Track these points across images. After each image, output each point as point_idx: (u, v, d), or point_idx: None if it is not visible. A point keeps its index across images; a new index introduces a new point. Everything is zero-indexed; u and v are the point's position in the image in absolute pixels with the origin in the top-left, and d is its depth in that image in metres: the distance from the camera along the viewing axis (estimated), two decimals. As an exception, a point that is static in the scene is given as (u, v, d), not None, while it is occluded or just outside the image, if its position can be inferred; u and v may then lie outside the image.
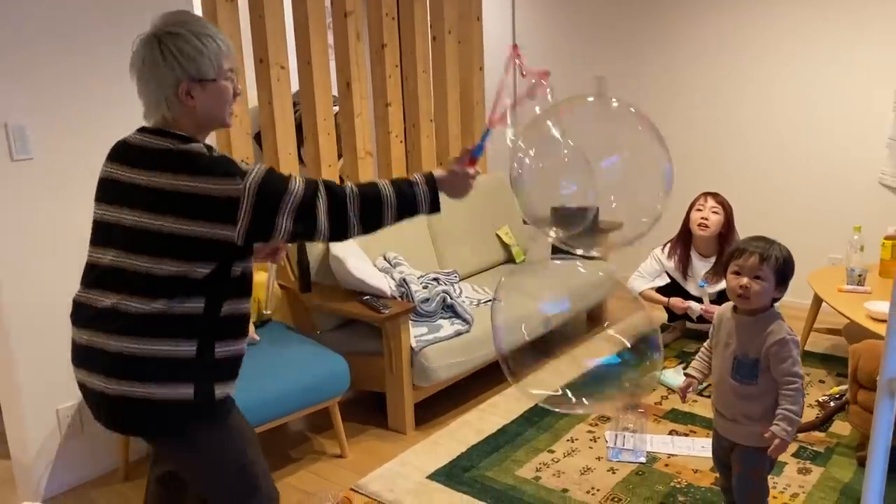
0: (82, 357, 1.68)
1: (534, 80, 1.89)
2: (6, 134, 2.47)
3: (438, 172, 1.82)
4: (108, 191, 1.67)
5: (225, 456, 1.75)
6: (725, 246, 3.65)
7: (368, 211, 1.69)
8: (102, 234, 1.66)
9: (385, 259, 3.52)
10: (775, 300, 2.14)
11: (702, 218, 3.66)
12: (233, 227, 1.58)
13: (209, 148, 1.62)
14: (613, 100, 2.12)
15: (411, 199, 1.74)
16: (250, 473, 1.80)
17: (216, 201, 1.56)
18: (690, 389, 2.32)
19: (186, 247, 1.58)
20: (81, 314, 1.68)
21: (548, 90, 1.95)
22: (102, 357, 1.62)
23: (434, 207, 1.79)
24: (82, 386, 1.69)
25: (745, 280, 2.08)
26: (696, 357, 2.36)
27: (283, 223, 1.62)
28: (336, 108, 3.90)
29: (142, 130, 1.67)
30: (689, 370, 2.36)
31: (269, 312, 2.29)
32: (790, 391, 2.05)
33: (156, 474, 2.02)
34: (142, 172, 1.60)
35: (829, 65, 4.12)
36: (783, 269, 2.08)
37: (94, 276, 1.67)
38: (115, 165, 1.67)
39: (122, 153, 1.67)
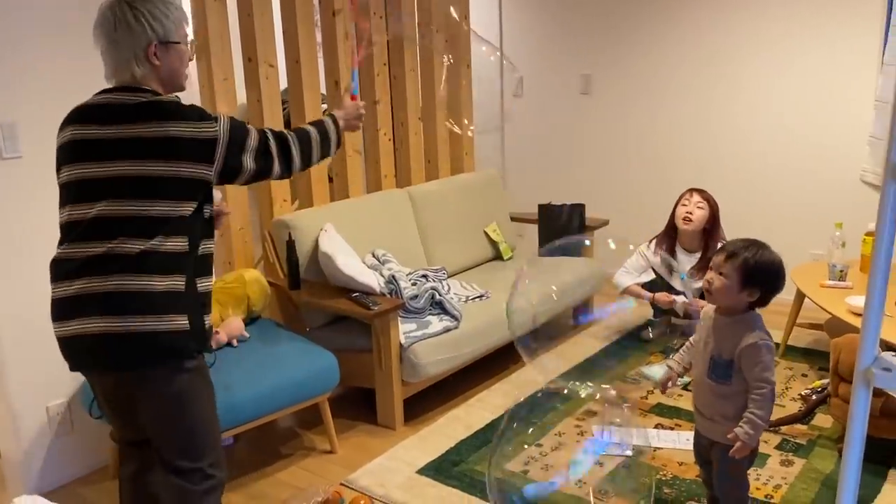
0: (74, 307, 1.75)
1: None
2: (-5, 132, 2.48)
3: (335, 112, 2.19)
4: (79, 151, 1.78)
5: (201, 398, 1.91)
6: (710, 241, 3.71)
7: (304, 147, 2.02)
8: (83, 190, 1.76)
9: (374, 256, 3.54)
10: (753, 305, 2.15)
11: (686, 212, 3.71)
12: (210, 166, 1.78)
13: (177, 97, 1.82)
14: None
15: (328, 135, 2.11)
16: (213, 430, 1.96)
17: (199, 143, 1.75)
18: (670, 383, 2.37)
19: (173, 187, 1.74)
20: (65, 268, 1.77)
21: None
22: (103, 298, 1.73)
23: (339, 140, 2.16)
24: (74, 337, 1.77)
25: (711, 274, 2.14)
26: (680, 350, 2.40)
27: (248, 162, 1.87)
28: (325, 106, 3.92)
29: (107, 91, 1.81)
30: (669, 361, 2.40)
31: None
32: (757, 395, 2.07)
33: (125, 474, 2.08)
34: (121, 126, 1.74)
35: (810, 63, 4.18)
36: (750, 271, 2.08)
37: (78, 231, 1.76)
38: (80, 126, 1.78)
39: (87, 114, 1.79)
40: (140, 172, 1.73)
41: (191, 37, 1.90)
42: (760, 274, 2.10)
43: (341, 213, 3.56)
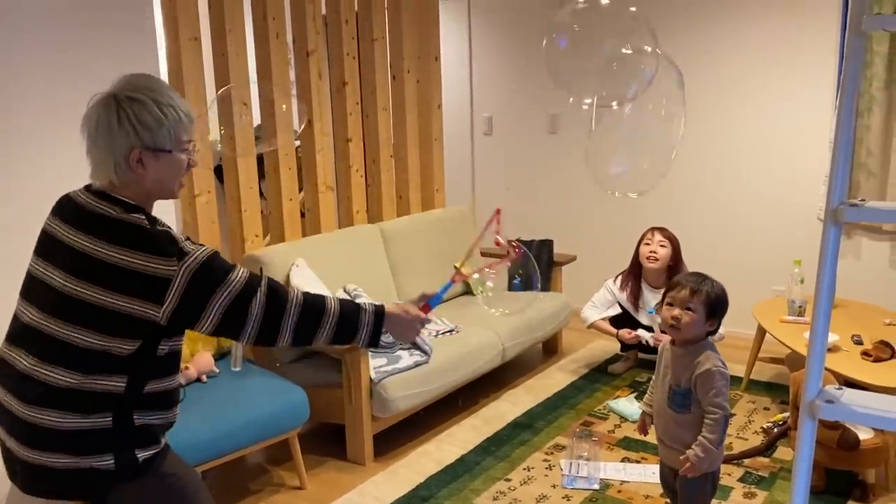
0: (1, 414, 1.62)
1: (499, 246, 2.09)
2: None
3: (390, 307, 1.76)
4: (45, 245, 1.63)
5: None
6: (672, 277, 3.80)
7: (306, 323, 1.63)
8: (30, 289, 1.62)
9: (345, 291, 3.57)
10: (709, 333, 2.26)
11: (650, 251, 3.81)
12: (158, 307, 1.52)
13: (152, 220, 1.58)
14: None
15: (353, 324, 1.68)
16: None
17: (146, 278, 1.51)
18: (648, 427, 2.42)
19: (111, 321, 1.52)
20: (2, 371, 1.63)
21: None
22: (18, 424, 1.57)
23: (374, 341, 1.72)
24: (1, 442, 1.65)
25: (676, 311, 2.20)
26: (648, 390, 2.47)
27: (211, 315, 1.55)
28: (297, 143, 3.97)
29: (87, 189, 1.62)
30: (643, 406, 2.46)
31: (237, 369, 2.32)
32: (710, 420, 2.15)
33: None
34: (78, 234, 1.56)
35: (769, 105, 4.34)
36: (713, 304, 2.20)
37: (15, 330, 1.63)
38: (56, 221, 1.62)
39: (64, 209, 1.62)
40: (77, 294, 1.52)
41: (193, 142, 1.65)
42: (721, 305, 2.23)
43: (313, 249, 3.59)
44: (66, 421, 1.54)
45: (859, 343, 3.22)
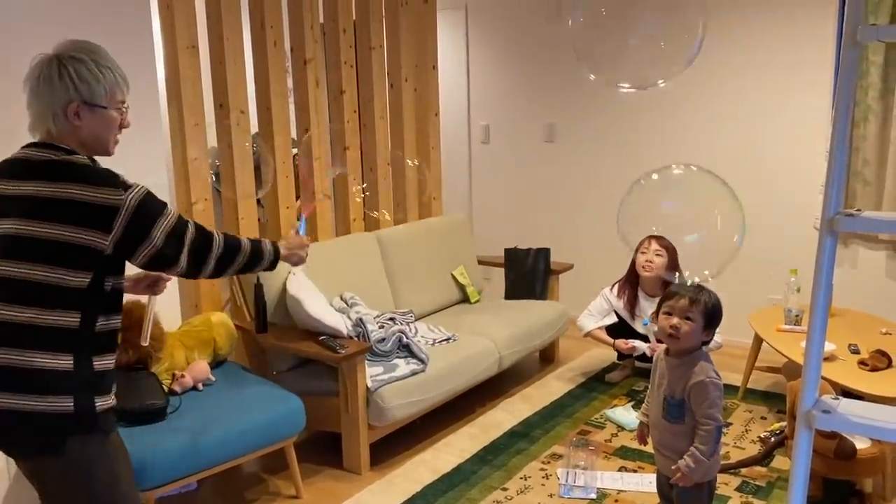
0: None
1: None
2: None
3: (281, 242, 2.10)
4: None
5: (98, 476, 1.74)
6: (669, 285, 3.80)
7: (227, 256, 1.88)
8: None
9: (342, 299, 3.57)
10: (704, 343, 2.26)
11: (646, 260, 3.81)
12: (106, 234, 1.65)
13: (92, 160, 1.72)
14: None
15: (258, 254, 1.97)
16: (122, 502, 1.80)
17: (94, 208, 1.63)
18: (647, 437, 2.42)
19: (62, 253, 1.63)
20: None
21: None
22: None
23: (272, 265, 2.05)
24: None
25: (675, 320, 2.19)
26: (645, 400, 2.46)
27: (153, 242, 1.71)
28: (295, 151, 3.97)
29: (28, 146, 1.74)
30: (640, 416, 2.46)
31: (145, 344, 2.22)
32: (703, 431, 2.15)
33: None
34: (25, 183, 1.67)
35: (766, 114, 4.35)
36: (711, 313, 2.20)
37: None
38: (2, 181, 1.73)
39: (6, 168, 1.74)
40: (28, 233, 1.63)
41: (127, 103, 1.80)
42: (717, 314, 2.23)
43: (310, 257, 3.57)
44: (27, 358, 1.63)
45: (856, 352, 3.22)
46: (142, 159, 2.98)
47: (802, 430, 1.15)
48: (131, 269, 1.83)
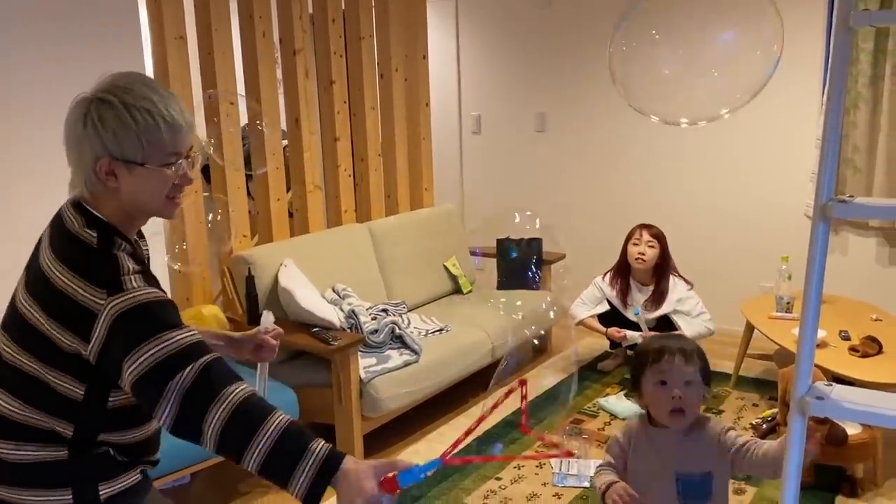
0: None
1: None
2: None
3: (348, 464, 1.25)
4: (30, 258, 1.44)
5: None
6: (662, 274, 3.82)
7: (234, 428, 1.24)
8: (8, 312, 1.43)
9: (334, 291, 3.56)
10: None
11: (639, 253, 3.82)
12: (86, 343, 1.28)
13: (108, 240, 1.34)
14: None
15: (292, 457, 1.24)
16: None
17: (78, 308, 1.28)
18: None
19: (49, 349, 1.31)
20: None
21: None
22: None
23: (311, 496, 1.23)
24: None
25: (676, 391, 1.71)
26: (604, 470, 1.86)
27: (126, 372, 1.26)
28: (285, 143, 3.95)
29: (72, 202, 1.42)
30: (608, 478, 1.81)
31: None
32: (756, 444, 1.74)
33: None
34: (47, 248, 1.37)
35: (758, 103, 4.35)
36: (705, 367, 1.77)
37: None
38: (45, 231, 1.44)
39: (53, 219, 1.44)
40: (24, 312, 1.34)
41: (194, 150, 1.42)
42: (708, 365, 1.80)
43: (301, 249, 3.58)
44: (14, 452, 1.37)
45: (847, 339, 3.24)
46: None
47: (796, 416, 1.16)
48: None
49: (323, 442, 1.27)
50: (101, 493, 1.39)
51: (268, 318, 1.63)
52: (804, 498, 2.76)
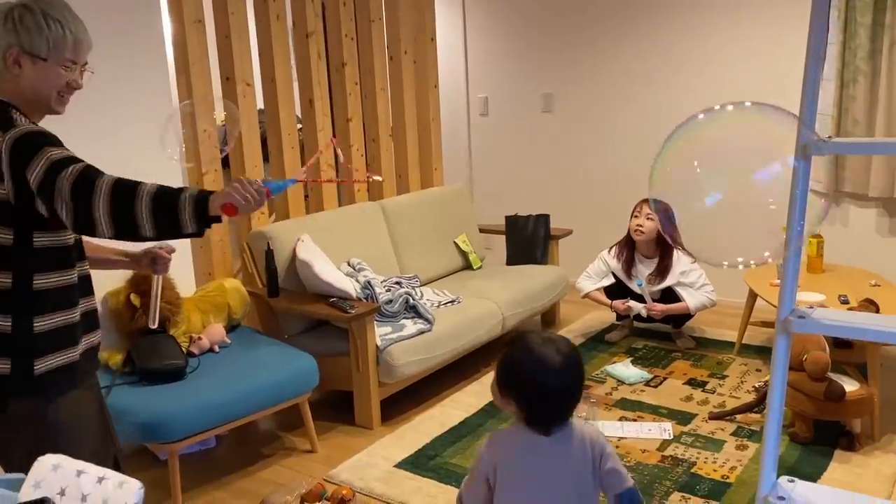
0: None
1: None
2: None
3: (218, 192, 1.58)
4: None
5: (28, 443, 1.59)
6: (665, 247, 3.93)
7: (119, 202, 1.51)
8: None
9: (349, 265, 3.69)
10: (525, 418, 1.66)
11: (637, 225, 3.94)
12: (1, 183, 1.55)
13: (4, 106, 1.61)
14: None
15: (171, 201, 1.53)
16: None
17: None
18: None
19: None
20: None
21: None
22: None
23: (200, 224, 1.55)
24: None
25: None
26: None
27: (31, 181, 1.53)
28: (299, 126, 4.08)
29: None
30: None
31: (153, 326, 2.12)
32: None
33: None
34: None
35: (759, 78, 4.45)
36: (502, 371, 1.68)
37: None
38: None
39: None
40: None
41: (87, 66, 1.70)
42: (506, 375, 1.70)
43: (317, 225, 3.71)
44: None
45: (845, 302, 3.34)
46: (154, 133, 3.09)
47: (781, 336, 1.27)
48: (128, 246, 1.77)
49: (192, 187, 1.60)
50: (35, 366, 1.63)
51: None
52: (805, 452, 2.89)
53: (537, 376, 1.58)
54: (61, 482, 1.25)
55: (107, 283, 2.93)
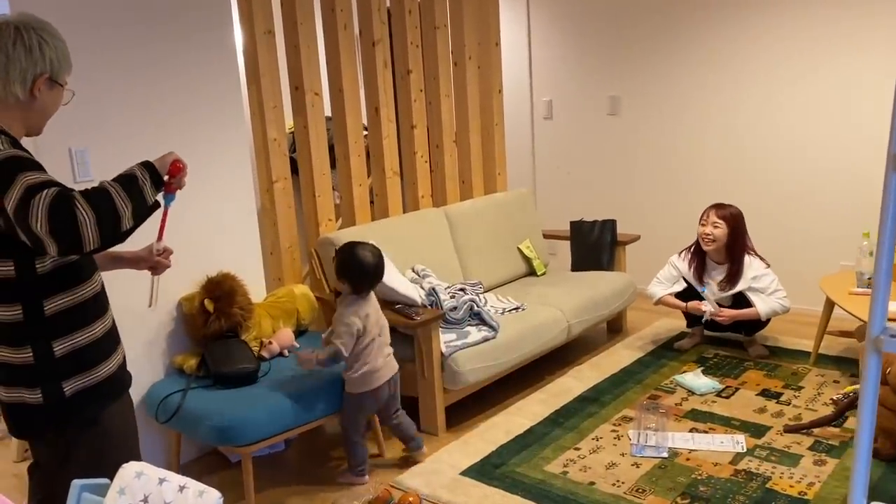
0: None
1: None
2: (70, 157, 2.70)
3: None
4: None
5: (79, 461, 1.65)
6: (735, 253, 3.82)
7: (97, 201, 1.46)
8: None
9: (414, 271, 3.71)
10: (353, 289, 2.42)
11: (705, 234, 3.84)
12: None
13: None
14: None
15: (133, 177, 1.56)
16: None
17: None
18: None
19: None
20: None
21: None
22: None
23: (155, 182, 1.60)
24: None
25: None
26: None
27: (8, 206, 1.44)
28: (365, 133, 4.12)
29: None
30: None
31: (150, 308, 2.16)
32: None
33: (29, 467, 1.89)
34: None
35: (835, 79, 4.29)
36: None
37: None
38: None
39: None
40: None
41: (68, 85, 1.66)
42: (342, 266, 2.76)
43: (382, 231, 3.74)
44: None
45: (932, 312, 3.18)
46: (226, 142, 3.17)
47: (871, 354, 1.22)
48: (124, 247, 1.74)
49: (138, 165, 1.61)
50: (64, 388, 1.61)
51: (159, 245, 1.86)
52: (888, 470, 2.77)
53: (362, 264, 2.81)
54: (144, 489, 1.29)
55: (180, 289, 3.03)
